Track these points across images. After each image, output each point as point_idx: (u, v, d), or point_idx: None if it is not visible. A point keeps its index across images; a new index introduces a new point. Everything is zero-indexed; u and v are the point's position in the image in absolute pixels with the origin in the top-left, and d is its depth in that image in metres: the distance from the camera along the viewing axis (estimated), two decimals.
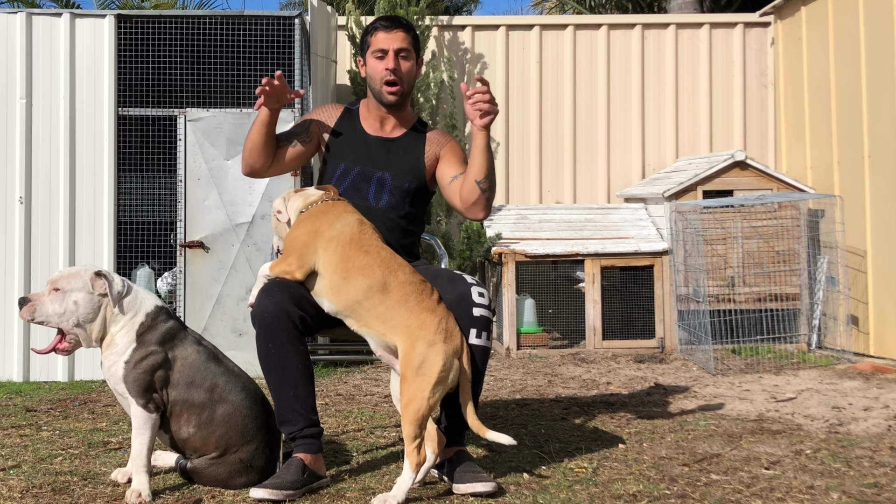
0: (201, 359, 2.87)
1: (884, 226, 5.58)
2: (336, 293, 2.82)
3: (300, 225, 2.91)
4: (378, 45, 3.14)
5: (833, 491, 2.87)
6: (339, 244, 2.84)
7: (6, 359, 5.14)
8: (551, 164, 6.99)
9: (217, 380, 2.85)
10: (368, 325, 2.81)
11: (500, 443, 2.73)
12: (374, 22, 3.20)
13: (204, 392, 2.82)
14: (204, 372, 2.85)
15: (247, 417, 2.86)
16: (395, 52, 3.12)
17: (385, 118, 3.20)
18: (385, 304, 2.77)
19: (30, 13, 5.30)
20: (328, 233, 2.85)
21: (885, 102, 5.57)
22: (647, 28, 7.09)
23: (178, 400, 2.81)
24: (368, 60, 3.17)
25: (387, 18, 3.20)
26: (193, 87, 5.61)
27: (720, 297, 5.84)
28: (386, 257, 2.83)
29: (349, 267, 2.81)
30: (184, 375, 2.82)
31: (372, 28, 3.18)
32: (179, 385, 2.82)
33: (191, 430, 2.82)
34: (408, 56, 3.15)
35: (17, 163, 5.21)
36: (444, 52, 6.95)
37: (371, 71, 3.16)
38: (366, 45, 3.19)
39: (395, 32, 3.14)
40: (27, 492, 2.84)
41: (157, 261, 5.61)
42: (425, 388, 2.67)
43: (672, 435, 3.64)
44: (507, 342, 5.89)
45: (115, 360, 2.82)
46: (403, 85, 3.14)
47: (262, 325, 2.82)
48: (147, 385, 2.78)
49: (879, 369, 5.17)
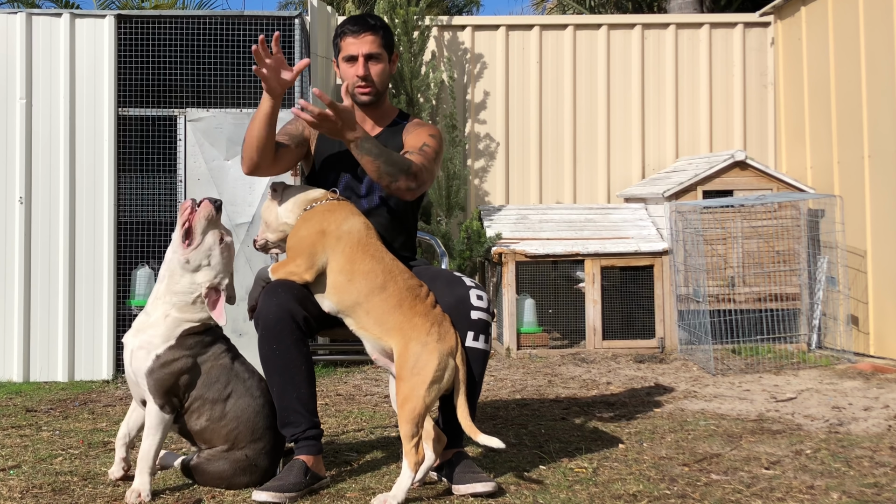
0: (225, 362, 2.87)
1: (884, 226, 5.58)
2: (339, 294, 2.82)
3: (306, 224, 2.89)
4: (347, 51, 3.10)
5: (833, 491, 2.87)
6: (347, 246, 2.83)
7: (6, 359, 5.14)
8: (551, 164, 6.99)
9: (234, 379, 2.86)
10: (365, 328, 2.82)
11: (491, 446, 2.71)
12: (343, 25, 3.14)
13: (220, 389, 2.83)
14: (226, 373, 2.85)
15: (258, 415, 2.86)
16: (365, 58, 3.08)
17: (363, 118, 3.18)
18: (381, 308, 2.77)
19: (30, 13, 5.29)
20: (336, 233, 2.84)
21: (885, 102, 5.57)
22: (647, 28, 7.09)
23: (196, 397, 2.82)
24: (341, 65, 3.15)
25: (354, 21, 3.13)
26: (193, 87, 5.61)
27: (720, 297, 5.84)
28: (389, 263, 2.84)
29: (354, 269, 2.80)
30: (207, 377, 2.82)
31: (340, 32, 3.13)
32: (199, 385, 2.82)
33: (203, 422, 2.83)
34: (379, 58, 3.11)
35: (17, 163, 5.20)
36: (444, 52, 6.95)
37: (344, 75, 3.14)
38: (337, 49, 3.16)
39: (362, 37, 3.09)
40: (27, 492, 2.84)
41: (158, 261, 5.61)
42: (420, 388, 2.67)
43: (672, 435, 3.64)
44: (507, 342, 5.89)
45: (148, 351, 2.77)
46: (375, 87, 3.12)
47: (265, 327, 2.80)
48: (170, 388, 2.77)
49: (879, 369, 5.17)
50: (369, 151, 2.83)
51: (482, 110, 6.99)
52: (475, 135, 6.96)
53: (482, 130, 6.98)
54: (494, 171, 6.96)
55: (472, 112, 6.98)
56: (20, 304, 5.14)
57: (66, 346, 5.14)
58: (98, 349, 5.18)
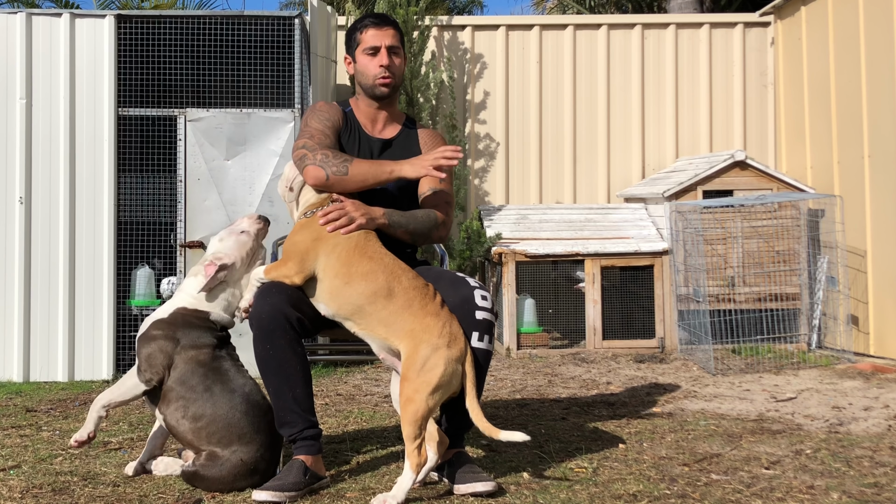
0: (207, 359, 2.90)
1: (884, 226, 5.58)
2: (335, 297, 2.81)
3: (302, 230, 2.90)
4: (369, 43, 3.13)
5: (833, 491, 2.87)
6: (344, 250, 2.83)
7: (6, 359, 5.14)
8: (551, 164, 6.99)
9: (216, 379, 2.87)
10: (371, 330, 2.81)
11: (515, 441, 2.71)
12: (363, 19, 3.19)
13: (196, 385, 2.86)
14: (206, 371, 2.87)
15: (243, 418, 2.86)
16: (388, 49, 3.13)
17: (377, 115, 3.20)
18: (388, 309, 2.76)
19: (30, 13, 5.29)
20: (332, 239, 2.84)
21: (885, 102, 5.57)
22: (647, 28, 7.09)
23: (171, 387, 2.87)
24: (359, 58, 3.16)
25: (375, 16, 3.20)
26: (193, 87, 5.61)
27: (720, 297, 5.84)
28: (389, 263, 2.83)
29: (352, 272, 2.80)
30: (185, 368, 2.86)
31: (361, 25, 3.16)
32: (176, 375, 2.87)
33: (178, 417, 2.86)
34: (397, 52, 3.17)
35: (17, 163, 5.20)
36: (444, 52, 6.95)
37: (362, 68, 3.15)
38: (355, 43, 3.18)
39: (385, 29, 3.14)
40: (27, 492, 2.84)
41: (158, 261, 5.61)
42: (425, 390, 2.66)
43: (672, 435, 3.64)
44: (508, 342, 5.89)
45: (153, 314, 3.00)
46: (395, 79, 3.16)
47: (259, 328, 2.81)
48: (152, 361, 2.88)
49: (879, 369, 5.17)
50: (398, 224, 2.98)
51: (482, 110, 6.99)
52: (475, 135, 6.96)
53: (482, 130, 6.98)
54: (494, 171, 6.96)
55: (472, 112, 6.98)
56: (20, 304, 5.14)
57: (66, 346, 5.14)
58: (98, 349, 5.18)
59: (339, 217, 2.86)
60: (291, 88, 5.38)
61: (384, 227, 2.94)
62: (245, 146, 5.29)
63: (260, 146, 5.29)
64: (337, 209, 2.88)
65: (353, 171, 2.94)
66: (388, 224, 2.95)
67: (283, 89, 5.48)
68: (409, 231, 3.00)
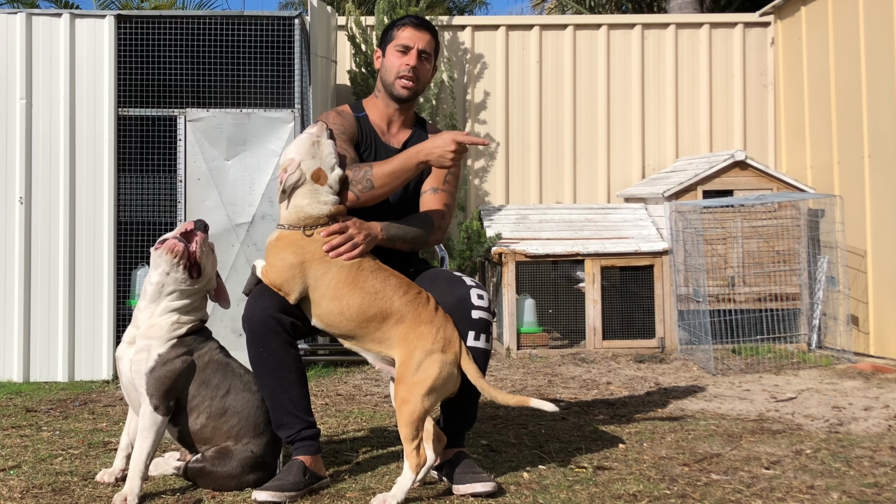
0: (220, 358, 2.90)
1: (884, 226, 5.58)
2: (324, 319, 2.80)
3: (287, 250, 2.80)
4: (403, 41, 3.12)
5: (833, 491, 2.87)
6: (334, 279, 2.77)
7: (6, 359, 5.13)
8: (551, 164, 6.99)
9: (231, 374, 2.88)
10: (365, 347, 2.81)
11: (545, 410, 2.75)
12: (405, 18, 3.19)
13: (217, 385, 2.84)
14: (222, 369, 2.87)
15: (259, 410, 2.87)
16: (419, 52, 3.12)
17: (392, 117, 3.18)
18: (381, 329, 2.76)
19: (30, 13, 5.29)
20: (321, 266, 2.78)
21: (885, 102, 5.57)
22: (646, 28, 7.09)
23: (194, 394, 2.82)
24: (389, 53, 3.15)
25: (417, 18, 3.20)
26: (193, 87, 5.61)
27: (720, 297, 5.84)
28: (380, 288, 2.78)
29: (342, 306, 2.76)
30: (203, 373, 2.83)
31: (401, 23, 3.16)
32: (198, 382, 2.83)
33: (203, 420, 2.82)
34: (428, 59, 3.16)
35: (17, 163, 5.20)
36: (444, 52, 6.95)
37: (389, 64, 3.13)
38: (389, 38, 3.16)
39: (422, 33, 3.14)
40: (27, 492, 2.84)
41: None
42: (420, 391, 2.67)
43: (672, 435, 3.65)
44: (507, 342, 5.89)
45: (149, 352, 2.79)
46: (418, 84, 3.14)
47: (251, 330, 2.81)
48: (169, 388, 2.78)
49: (879, 369, 5.17)
50: (396, 237, 2.97)
51: (482, 110, 6.99)
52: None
53: (482, 130, 6.98)
54: (494, 171, 6.96)
55: (472, 112, 6.98)
56: (20, 304, 5.13)
57: (66, 346, 5.14)
58: (98, 349, 5.18)
59: (343, 242, 2.82)
60: (291, 88, 5.38)
61: (383, 242, 2.93)
62: (245, 146, 5.29)
63: (260, 146, 5.29)
64: (340, 230, 2.82)
65: (378, 183, 2.90)
66: (387, 239, 2.94)
67: (283, 89, 5.48)
68: (406, 241, 3.01)
